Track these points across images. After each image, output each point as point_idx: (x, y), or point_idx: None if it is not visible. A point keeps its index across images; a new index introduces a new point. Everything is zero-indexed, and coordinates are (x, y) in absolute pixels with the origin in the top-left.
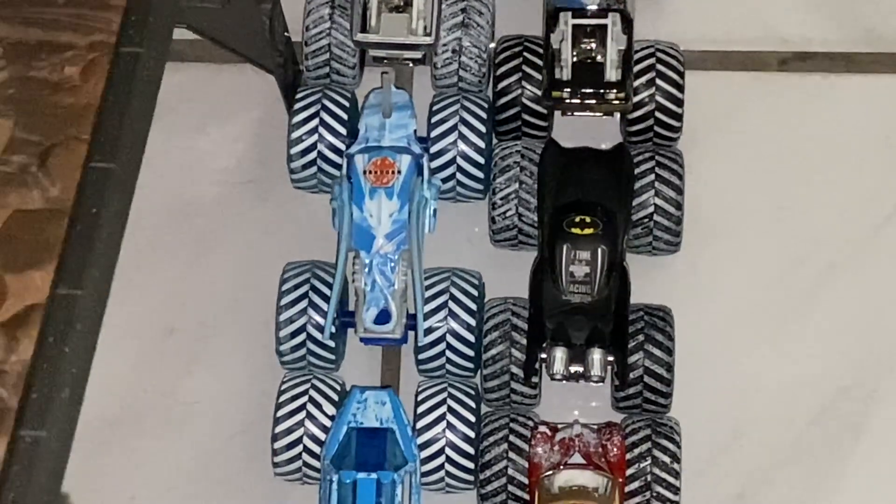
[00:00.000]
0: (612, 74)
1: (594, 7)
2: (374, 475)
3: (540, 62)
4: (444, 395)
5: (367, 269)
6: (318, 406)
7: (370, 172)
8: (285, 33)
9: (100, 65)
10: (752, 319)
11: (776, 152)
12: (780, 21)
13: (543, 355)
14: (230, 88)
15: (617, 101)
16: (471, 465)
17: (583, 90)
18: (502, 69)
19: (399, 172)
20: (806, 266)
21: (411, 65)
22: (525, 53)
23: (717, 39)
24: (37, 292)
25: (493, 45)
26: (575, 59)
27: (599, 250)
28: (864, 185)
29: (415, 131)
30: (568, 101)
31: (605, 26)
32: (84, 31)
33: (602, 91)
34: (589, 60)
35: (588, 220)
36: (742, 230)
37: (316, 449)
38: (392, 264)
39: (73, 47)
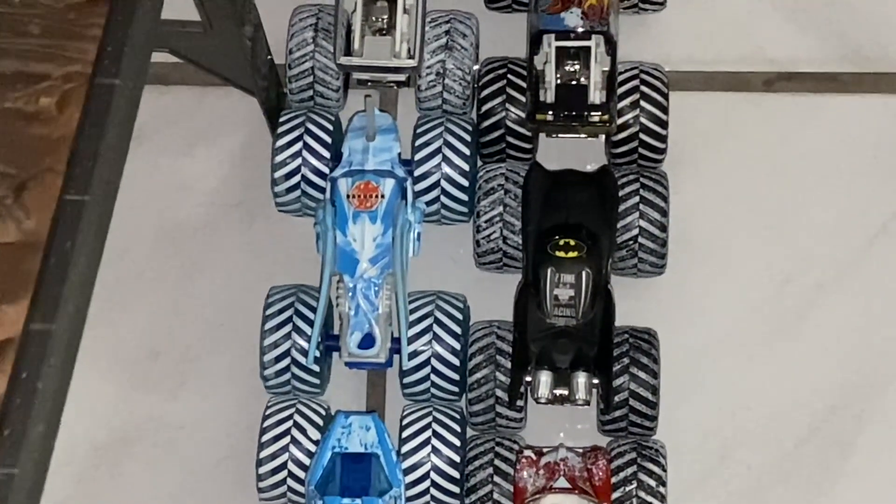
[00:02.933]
0: (596, 97)
1: (578, 30)
2: (358, 501)
3: (524, 84)
4: (430, 419)
5: (350, 294)
6: (303, 431)
7: (354, 196)
8: (268, 57)
9: (75, 96)
10: (739, 340)
11: (762, 172)
12: (766, 41)
13: (528, 378)
14: (214, 111)
15: (601, 124)
16: (456, 490)
17: (567, 113)
18: (486, 91)
19: (383, 196)
20: (792, 286)
21: (395, 87)
22: (509, 76)
23: (702, 60)
24: (10, 326)
25: (476, 66)
26: (559, 81)
27: (584, 273)
28: (850, 205)
29: (399, 154)
30: (552, 124)
31: (588, 48)
32: (59, 61)
33: (586, 114)
34: (573, 82)
35: (572, 243)
36: (728, 250)
37: (301, 474)
38: (376, 288)
39: (49, 78)
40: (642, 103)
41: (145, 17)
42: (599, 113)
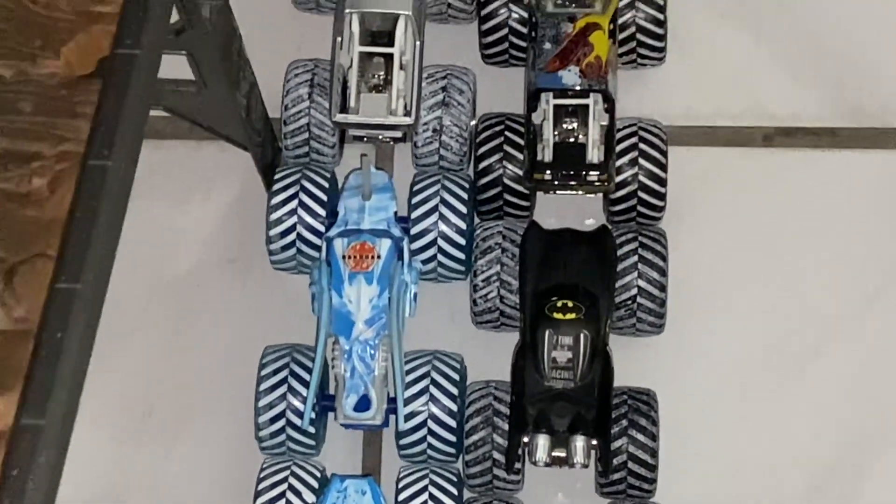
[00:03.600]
0: (594, 155)
1: (576, 88)
2: None
3: (521, 141)
4: (426, 481)
5: (346, 356)
6: (298, 494)
7: (349, 257)
8: (263, 113)
9: (68, 176)
10: (738, 398)
11: (761, 228)
12: (766, 96)
13: (526, 439)
14: (209, 165)
15: (599, 183)
16: None
17: (565, 172)
18: (483, 148)
19: (379, 257)
20: (792, 343)
21: (392, 143)
22: (506, 133)
23: (701, 114)
24: (0, 419)
25: (474, 122)
26: (557, 138)
27: (582, 336)
28: (850, 261)
29: (395, 213)
30: (550, 183)
31: (586, 106)
32: (52, 140)
33: (584, 173)
34: (571, 140)
35: (570, 304)
36: (727, 307)
37: None
38: (372, 350)
39: (41, 157)
40: (641, 161)
41: (138, 96)
42: (598, 172)
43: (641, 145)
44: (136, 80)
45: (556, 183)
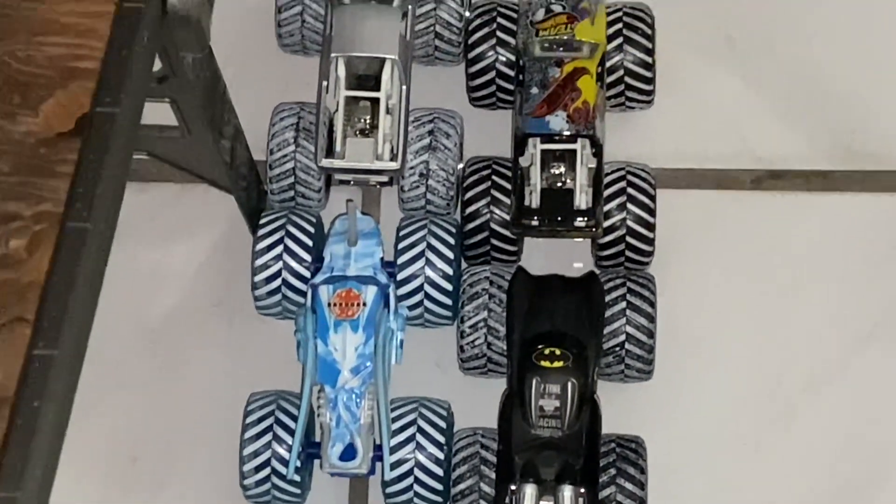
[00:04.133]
0: (581, 200)
1: (564, 133)
2: None
3: (509, 185)
4: None
5: (332, 405)
6: None
7: (335, 305)
8: (248, 158)
9: (46, 238)
10: (729, 444)
11: (751, 272)
12: (755, 138)
13: (513, 487)
14: (193, 208)
15: (587, 229)
16: None
17: (552, 218)
18: (470, 193)
19: (364, 304)
20: (783, 388)
21: (378, 186)
22: (494, 177)
23: (689, 157)
24: None
25: (461, 166)
26: (544, 183)
27: (570, 384)
28: (841, 305)
29: (381, 259)
30: (537, 229)
31: (574, 151)
32: (30, 200)
33: (572, 219)
34: (559, 185)
35: (558, 352)
36: (716, 352)
37: None
38: (358, 399)
39: (19, 218)
40: (629, 206)
41: (118, 155)
42: (585, 219)
43: (630, 190)
44: (115, 139)
45: (543, 229)
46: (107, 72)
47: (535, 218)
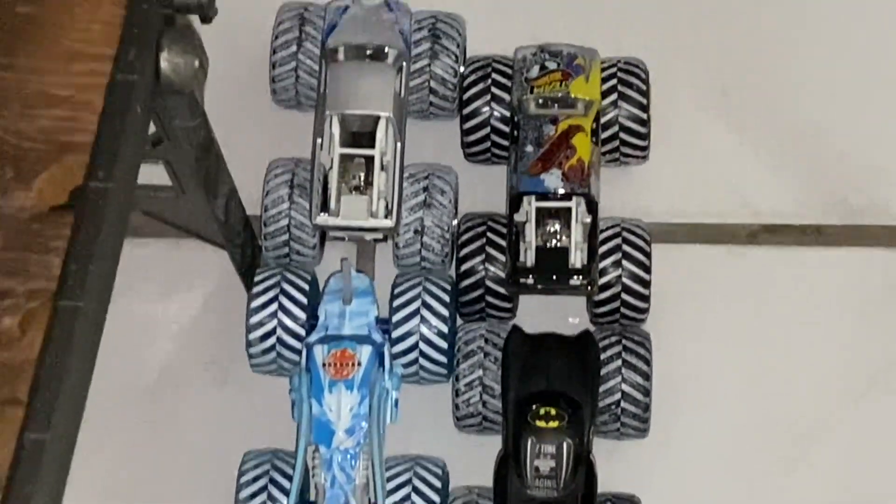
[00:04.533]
0: (577, 258)
1: (559, 191)
2: None
3: (503, 242)
4: None
5: (326, 465)
6: None
7: (330, 365)
8: (243, 216)
9: (39, 316)
10: (725, 502)
11: (747, 327)
12: (750, 193)
13: None
14: (188, 263)
15: (582, 288)
16: None
17: (547, 277)
18: (465, 250)
19: (359, 364)
20: (780, 445)
21: (373, 242)
22: (488, 234)
23: (685, 211)
24: None
25: (455, 221)
26: (539, 240)
27: (565, 444)
28: (836, 360)
29: (376, 317)
30: (533, 287)
31: (569, 209)
32: (22, 276)
33: (567, 278)
34: (554, 242)
35: (553, 412)
36: (713, 408)
37: None
38: (352, 459)
39: (11, 295)
40: (625, 263)
41: (111, 231)
42: (581, 278)
43: (625, 247)
44: (109, 215)
45: (538, 287)
46: (100, 146)
47: (531, 276)
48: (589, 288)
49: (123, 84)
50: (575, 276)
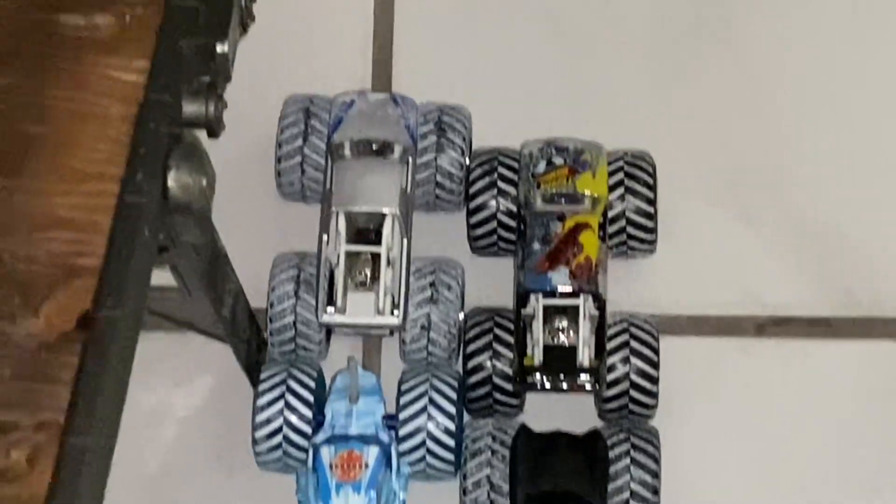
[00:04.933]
0: (584, 355)
1: (566, 289)
2: None
3: (510, 338)
4: None
5: None
6: None
7: (336, 466)
8: (249, 315)
9: (47, 449)
10: None
11: (755, 421)
12: (758, 285)
13: None
14: (194, 357)
15: (590, 386)
16: None
17: (555, 377)
18: (472, 347)
19: (367, 465)
20: None
21: (379, 337)
22: (495, 329)
23: (692, 303)
24: None
25: (462, 315)
26: (547, 337)
27: None
28: (846, 454)
29: (383, 416)
30: (540, 387)
31: (577, 307)
32: (30, 408)
33: (575, 377)
34: (561, 338)
35: None
36: (721, 502)
37: None
38: None
39: (20, 427)
40: (632, 359)
41: (120, 360)
42: (588, 377)
43: (633, 343)
44: (117, 344)
45: (546, 387)
46: (108, 272)
47: (539, 375)
48: (597, 387)
49: (131, 206)
50: (583, 375)
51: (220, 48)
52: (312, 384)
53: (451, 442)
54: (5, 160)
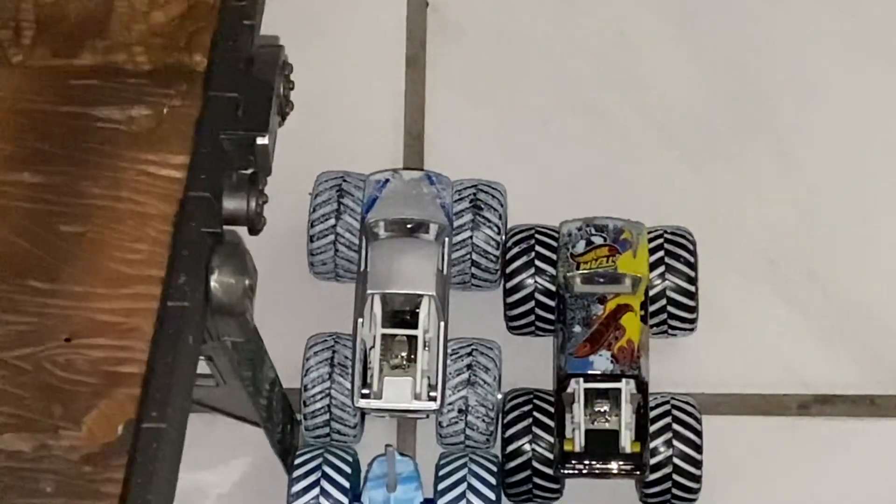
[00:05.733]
0: (626, 440)
1: (608, 372)
2: None
3: (550, 422)
4: None
5: None
6: None
7: None
8: (285, 404)
9: None
10: None
11: (798, 502)
12: (800, 363)
13: None
14: (225, 439)
15: (633, 471)
16: None
17: (597, 464)
18: (511, 430)
19: None
20: None
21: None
22: (535, 413)
23: (734, 382)
24: None
25: (500, 396)
26: (588, 421)
27: None
28: None
29: (421, 502)
30: (582, 473)
31: (619, 390)
32: None
33: (617, 464)
34: (603, 422)
35: None
36: None
37: None
38: None
39: None
40: (675, 443)
41: (165, 475)
42: (631, 465)
43: (675, 426)
44: (162, 457)
45: (588, 472)
46: (153, 382)
47: (581, 461)
48: (639, 473)
49: (174, 311)
50: (625, 464)
51: (261, 141)
52: (348, 469)
53: None
54: (42, 262)
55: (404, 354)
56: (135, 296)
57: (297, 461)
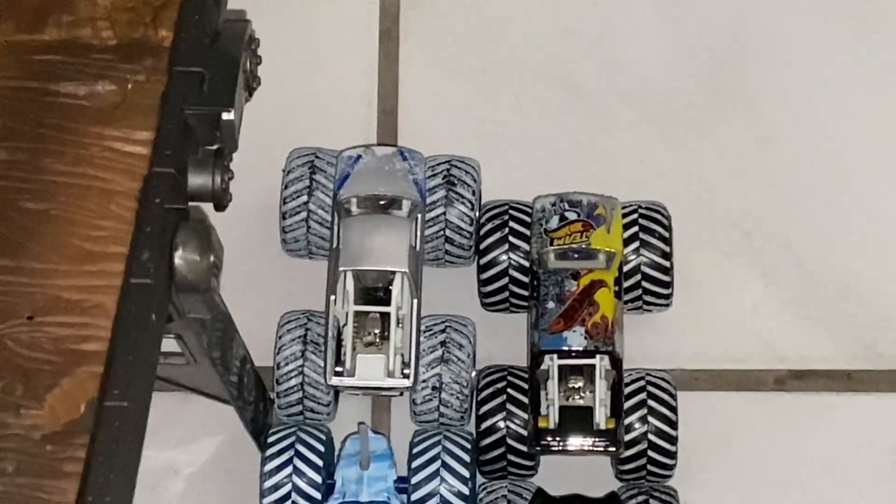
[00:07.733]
0: (601, 417)
1: (581, 349)
2: None
3: (524, 398)
4: None
5: None
6: None
7: None
8: (256, 381)
9: None
10: None
11: (775, 477)
12: (777, 338)
13: None
14: (198, 417)
15: (608, 448)
16: None
17: (571, 440)
18: (485, 408)
19: None
20: None
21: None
22: (509, 390)
23: (710, 358)
24: None
25: (474, 374)
26: (562, 398)
27: None
28: None
29: (394, 481)
30: (556, 450)
31: (593, 366)
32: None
33: (592, 440)
34: (577, 398)
35: None
36: None
37: None
38: None
39: None
40: (650, 419)
41: (128, 452)
42: (606, 441)
43: (650, 402)
44: (125, 435)
45: (562, 449)
46: (115, 361)
47: (555, 438)
48: (614, 449)
49: (138, 288)
50: (600, 440)
51: (227, 116)
52: (321, 448)
53: None
54: (5, 240)
55: (377, 332)
56: (98, 273)
57: (269, 439)
